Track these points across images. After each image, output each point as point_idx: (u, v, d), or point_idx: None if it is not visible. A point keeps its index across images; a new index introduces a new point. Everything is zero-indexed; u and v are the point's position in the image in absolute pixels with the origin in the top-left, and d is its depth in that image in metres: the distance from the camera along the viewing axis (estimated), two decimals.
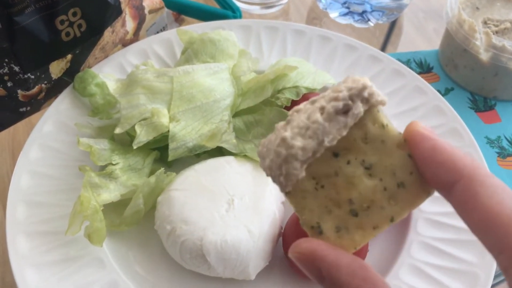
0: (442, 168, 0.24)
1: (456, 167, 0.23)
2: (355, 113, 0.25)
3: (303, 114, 0.26)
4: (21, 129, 0.64)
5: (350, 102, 0.25)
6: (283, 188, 0.26)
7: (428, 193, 0.25)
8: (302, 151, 0.25)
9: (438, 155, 0.24)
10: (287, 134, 0.25)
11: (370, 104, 0.25)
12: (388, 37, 0.76)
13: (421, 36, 0.76)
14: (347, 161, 0.25)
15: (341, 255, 0.24)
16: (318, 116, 0.25)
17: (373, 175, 0.25)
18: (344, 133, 0.25)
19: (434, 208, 0.48)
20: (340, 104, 0.25)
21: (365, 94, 0.25)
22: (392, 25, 0.76)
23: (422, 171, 0.25)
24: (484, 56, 0.60)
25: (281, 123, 0.26)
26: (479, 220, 0.23)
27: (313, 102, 0.26)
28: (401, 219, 0.25)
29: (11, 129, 0.55)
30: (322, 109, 0.25)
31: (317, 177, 0.25)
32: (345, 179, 0.25)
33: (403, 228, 0.47)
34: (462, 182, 0.23)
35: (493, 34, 0.59)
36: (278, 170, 0.25)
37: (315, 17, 0.78)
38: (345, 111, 0.25)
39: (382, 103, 0.26)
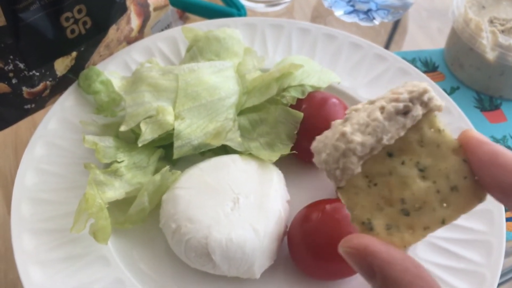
0: (503, 171, 0.24)
1: None
2: (414, 115, 0.26)
3: (362, 112, 0.27)
4: (24, 126, 0.64)
5: (410, 104, 0.26)
6: (337, 182, 0.26)
7: (480, 199, 0.26)
8: (361, 146, 0.26)
9: (499, 158, 0.24)
10: (347, 129, 0.26)
11: (429, 108, 0.26)
12: (391, 36, 0.76)
13: (424, 35, 0.76)
14: (402, 161, 0.26)
15: (394, 252, 0.24)
16: (378, 115, 0.26)
17: (426, 177, 0.26)
18: (402, 133, 0.26)
19: None
20: (400, 105, 0.26)
21: (425, 98, 0.26)
22: (396, 24, 0.76)
23: (480, 176, 0.25)
24: (490, 55, 0.60)
25: (339, 121, 0.27)
26: None
27: (372, 102, 0.27)
28: (452, 222, 0.26)
29: (13, 126, 0.55)
30: (382, 109, 0.26)
31: (370, 175, 0.26)
32: (399, 179, 0.26)
33: None
34: None
35: (500, 33, 0.58)
36: (335, 164, 0.26)
37: (320, 15, 0.78)
38: (405, 112, 0.26)
39: (440, 108, 0.26)
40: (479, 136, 0.26)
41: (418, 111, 0.26)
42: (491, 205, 0.46)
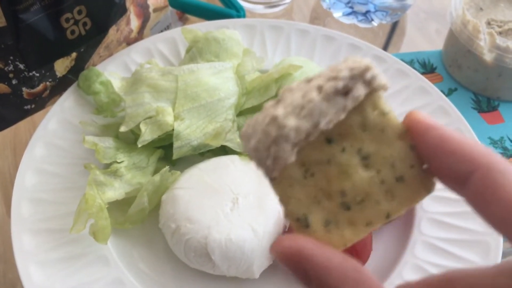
0: (454, 158, 0.21)
1: (471, 156, 0.21)
2: (355, 95, 0.22)
3: (297, 92, 0.23)
4: (23, 126, 0.64)
5: (350, 82, 0.22)
6: (268, 173, 0.23)
7: (428, 190, 0.23)
8: (295, 132, 0.22)
9: (448, 144, 0.21)
10: (279, 112, 0.22)
11: (372, 88, 0.23)
12: (390, 37, 0.76)
13: (422, 37, 0.76)
14: (342, 148, 0.23)
15: (331, 255, 0.21)
16: (314, 95, 0.22)
17: (369, 166, 0.23)
18: (342, 116, 0.22)
19: (438, 208, 0.48)
20: (340, 84, 0.22)
21: (368, 76, 0.22)
22: (394, 26, 0.76)
23: (429, 163, 0.22)
24: (488, 57, 0.60)
25: (271, 102, 0.23)
26: (503, 212, 0.20)
27: (308, 81, 0.23)
28: (397, 216, 0.23)
29: (12, 126, 0.55)
30: (319, 88, 0.22)
31: (307, 163, 0.23)
32: (339, 168, 0.23)
33: (407, 227, 0.48)
34: (479, 172, 0.21)
35: (497, 34, 0.59)
36: (266, 152, 0.22)
37: (319, 17, 0.78)
38: (345, 92, 0.22)
39: (385, 87, 0.23)
40: (426, 119, 0.23)
41: (360, 90, 0.22)
42: None
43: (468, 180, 0.21)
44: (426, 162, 0.23)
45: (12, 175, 0.60)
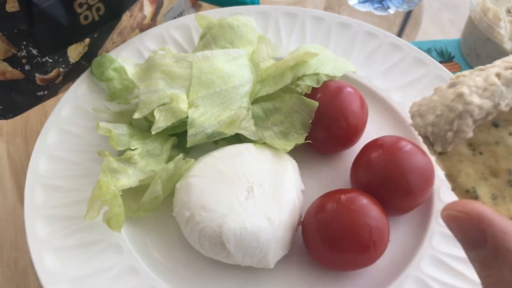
0: None
1: None
2: None
3: (476, 77, 0.26)
4: (34, 114, 0.64)
5: None
6: (445, 147, 0.25)
7: None
8: (479, 109, 0.25)
9: None
10: (465, 90, 0.25)
11: None
12: (403, 27, 0.75)
13: (436, 27, 0.75)
14: (509, 132, 0.25)
15: (507, 222, 0.23)
16: (496, 80, 0.25)
17: None
18: None
19: (456, 199, 0.47)
20: None
21: None
22: (407, 15, 0.75)
23: None
24: (508, 45, 0.59)
25: (443, 86, 0.27)
26: None
27: (482, 69, 0.26)
28: None
29: (24, 114, 0.55)
30: (498, 75, 0.25)
31: (474, 144, 0.26)
32: (506, 149, 0.25)
33: (425, 219, 0.47)
34: None
35: None
36: (448, 125, 0.25)
37: (333, 4, 0.77)
38: None
39: None
40: None
41: None
42: None
43: None
44: None
45: (23, 163, 0.60)
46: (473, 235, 0.23)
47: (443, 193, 0.48)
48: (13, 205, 0.56)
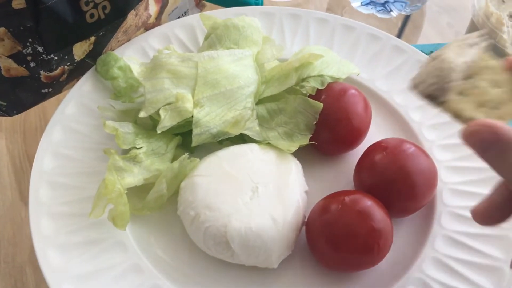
0: None
1: None
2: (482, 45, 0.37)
3: (451, 48, 0.36)
4: (33, 112, 0.64)
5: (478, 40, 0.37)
6: (447, 95, 0.34)
7: None
8: (463, 64, 0.35)
9: None
10: (449, 55, 0.36)
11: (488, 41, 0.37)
12: (402, 30, 0.75)
13: (434, 30, 0.75)
14: (480, 80, 0.35)
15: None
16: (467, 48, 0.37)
17: (498, 86, 0.35)
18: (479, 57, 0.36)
19: (458, 202, 0.48)
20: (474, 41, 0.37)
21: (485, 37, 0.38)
22: (406, 18, 0.75)
23: None
24: (511, 50, 0.59)
25: (426, 60, 0.36)
26: None
27: (455, 42, 0.37)
28: None
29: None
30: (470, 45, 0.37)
31: (462, 91, 0.35)
32: (482, 90, 0.34)
33: (427, 221, 0.47)
34: None
35: None
36: (445, 79, 0.35)
37: (336, 6, 0.77)
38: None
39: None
40: None
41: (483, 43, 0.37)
42: None
43: None
44: None
45: (22, 160, 0.60)
46: (489, 138, 0.30)
47: (446, 196, 0.48)
48: (11, 201, 0.56)
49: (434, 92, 0.35)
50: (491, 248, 0.44)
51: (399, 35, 0.74)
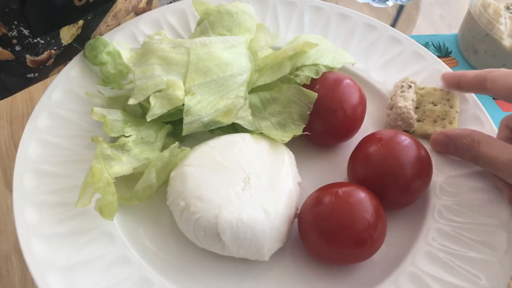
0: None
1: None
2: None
3: (399, 97, 0.52)
4: (20, 97, 0.62)
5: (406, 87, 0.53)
6: (412, 127, 0.51)
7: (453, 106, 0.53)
8: (409, 107, 0.52)
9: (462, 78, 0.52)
10: (400, 105, 0.51)
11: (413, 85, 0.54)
12: (395, 21, 0.74)
13: (426, 22, 0.74)
14: (426, 104, 0.52)
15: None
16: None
17: (437, 103, 0.52)
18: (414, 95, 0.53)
19: (452, 196, 0.47)
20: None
21: (408, 82, 0.54)
22: (400, 9, 0.74)
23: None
24: (507, 42, 0.58)
25: (387, 111, 0.53)
26: None
27: (401, 94, 0.53)
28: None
29: (9, 97, 0.53)
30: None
31: (418, 119, 0.51)
32: (429, 112, 0.51)
33: (421, 215, 0.46)
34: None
35: None
36: (406, 120, 0.51)
37: None
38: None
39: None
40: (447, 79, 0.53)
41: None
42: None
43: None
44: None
45: (8, 146, 0.58)
46: (444, 140, 0.48)
47: (440, 189, 0.48)
48: None
49: (405, 129, 0.51)
50: (485, 239, 0.44)
51: (393, 26, 0.73)
